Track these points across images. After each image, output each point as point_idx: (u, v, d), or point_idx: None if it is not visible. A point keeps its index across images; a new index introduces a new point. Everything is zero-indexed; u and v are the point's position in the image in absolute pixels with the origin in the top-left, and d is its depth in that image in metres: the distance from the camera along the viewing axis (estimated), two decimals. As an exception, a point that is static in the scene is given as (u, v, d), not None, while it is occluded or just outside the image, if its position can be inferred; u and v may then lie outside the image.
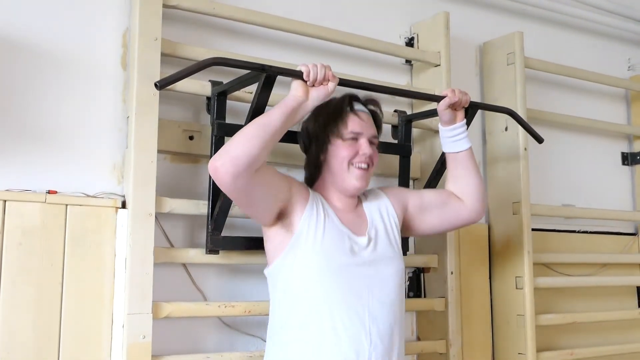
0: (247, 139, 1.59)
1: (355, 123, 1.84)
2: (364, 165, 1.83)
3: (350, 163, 1.82)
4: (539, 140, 2.28)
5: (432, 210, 2.00)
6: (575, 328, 2.87)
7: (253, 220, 1.86)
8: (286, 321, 1.75)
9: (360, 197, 1.93)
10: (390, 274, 1.81)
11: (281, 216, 1.76)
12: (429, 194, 2.05)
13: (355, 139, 1.83)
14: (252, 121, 1.66)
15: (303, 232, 1.74)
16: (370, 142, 1.85)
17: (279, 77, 1.77)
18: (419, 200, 2.00)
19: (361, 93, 1.97)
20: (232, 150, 1.58)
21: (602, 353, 2.87)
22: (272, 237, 1.79)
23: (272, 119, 1.65)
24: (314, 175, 1.91)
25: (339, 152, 1.83)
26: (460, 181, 2.00)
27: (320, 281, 1.71)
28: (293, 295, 1.74)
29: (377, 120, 1.93)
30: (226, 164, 1.57)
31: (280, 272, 1.76)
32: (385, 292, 1.77)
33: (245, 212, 1.82)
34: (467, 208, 1.99)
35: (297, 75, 1.71)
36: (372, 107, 1.93)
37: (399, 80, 2.56)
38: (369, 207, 1.91)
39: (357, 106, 1.88)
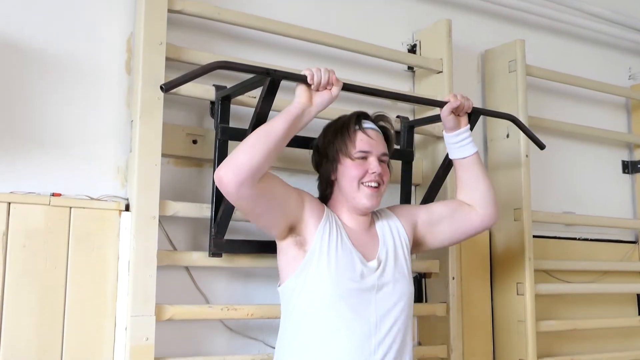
0: (249, 147, 1.60)
1: (364, 142, 1.83)
2: (374, 184, 1.82)
3: (360, 182, 1.81)
4: (541, 146, 2.29)
5: (442, 222, 1.98)
6: (575, 335, 2.87)
7: (265, 232, 1.84)
8: (294, 340, 1.75)
9: (372, 216, 1.92)
10: (399, 298, 1.80)
11: (293, 230, 1.76)
12: (438, 207, 2.03)
13: (364, 157, 1.82)
14: (256, 130, 1.66)
15: (316, 252, 1.74)
16: (380, 160, 1.84)
17: (283, 83, 1.78)
18: (428, 215, 1.99)
19: (370, 110, 1.96)
20: (234, 159, 1.60)
21: (602, 360, 2.88)
22: (285, 250, 1.78)
23: (275, 127, 1.65)
24: (327, 193, 1.90)
25: (349, 172, 1.82)
26: (469, 187, 1.99)
27: (328, 305, 1.71)
28: (302, 315, 1.74)
29: (387, 136, 1.92)
30: (229, 173, 1.58)
31: (292, 292, 1.76)
32: (393, 317, 1.77)
33: (256, 224, 1.79)
34: (479, 214, 1.98)
35: (301, 79, 1.72)
36: (381, 124, 1.92)
37: (402, 87, 2.57)
38: (381, 227, 1.90)
39: (366, 124, 1.87)
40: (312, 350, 1.71)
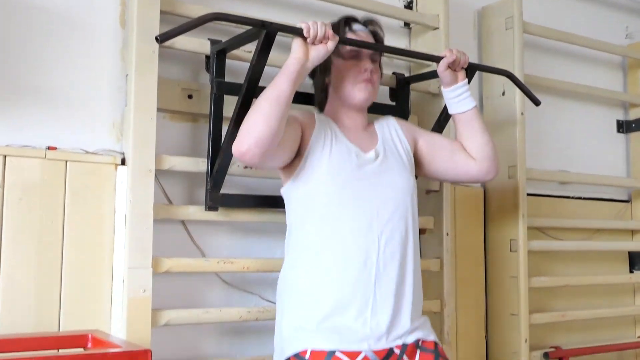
0: (265, 117, 1.61)
1: None
2: (366, 77, 1.86)
3: (354, 79, 1.86)
4: (536, 102, 2.28)
5: (441, 152, 2.01)
6: (567, 291, 2.91)
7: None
8: (298, 237, 1.79)
9: (373, 121, 1.97)
10: (399, 184, 1.83)
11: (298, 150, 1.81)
12: (441, 138, 2.08)
13: (356, 56, 1.87)
14: (263, 96, 1.66)
15: (311, 151, 1.78)
16: (372, 60, 1.89)
17: (279, 39, 1.77)
18: (431, 139, 2.03)
19: (359, 14, 1.99)
20: (253, 131, 1.61)
21: (593, 316, 2.92)
22: (286, 165, 1.83)
23: (282, 89, 1.65)
24: (322, 99, 1.95)
25: (342, 71, 1.88)
26: (469, 141, 2.00)
27: (327, 196, 1.75)
28: (304, 211, 1.79)
29: (377, 38, 1.96)
30: (252, 148, 1.61)
31: (293, 190, 1.81)
32: (394, 204, 1.79)
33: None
34: (477, 166, 1.99)
35: (297, 32, 1.70)
36: (371, 27, 1.96)
37: (398, 43, 2.55)
38: (381, 128, 1.95)
39: (356, 26, 1.92)
40: (317, 240, 1.75)
